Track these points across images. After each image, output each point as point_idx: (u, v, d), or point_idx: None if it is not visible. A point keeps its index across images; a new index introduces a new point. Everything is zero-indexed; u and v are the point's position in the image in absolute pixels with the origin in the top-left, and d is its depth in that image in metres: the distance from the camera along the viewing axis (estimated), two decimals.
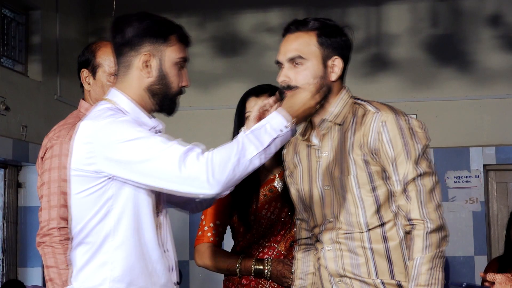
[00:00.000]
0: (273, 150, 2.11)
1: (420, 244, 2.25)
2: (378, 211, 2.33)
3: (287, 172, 2.58)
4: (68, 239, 2.64)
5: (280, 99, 2.32)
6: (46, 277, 2.66)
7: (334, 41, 2.40)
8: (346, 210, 2.36)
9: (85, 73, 2.90)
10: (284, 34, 2.44)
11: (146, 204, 2.16)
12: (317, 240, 2.45)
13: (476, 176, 6.44)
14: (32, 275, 5.98)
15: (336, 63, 2.40)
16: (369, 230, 2.34)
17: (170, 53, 2.22)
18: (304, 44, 2.37)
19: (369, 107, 2.37)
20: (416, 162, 2.28)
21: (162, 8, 6.98)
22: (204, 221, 3.00)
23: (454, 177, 6.47)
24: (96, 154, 2.10)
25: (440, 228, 2.28)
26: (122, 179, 2.11)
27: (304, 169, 2.48)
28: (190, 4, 7.04)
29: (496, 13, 6.60)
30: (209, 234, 2.97)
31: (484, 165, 6.48)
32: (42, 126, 6.15)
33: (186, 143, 2.11)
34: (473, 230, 6.40)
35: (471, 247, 6.39)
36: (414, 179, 2.28)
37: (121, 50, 2.23)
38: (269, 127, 2.12)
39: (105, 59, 2.85)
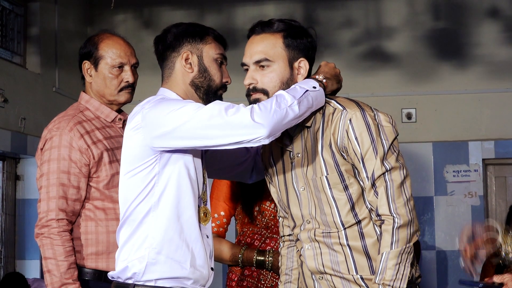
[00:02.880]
0: (309, 103, 2.26)
1: (388, 239, 2.23)
2: (352, 209, 2.32)
3: (265, 172, 2.58)
4: (66, 230, 2.64)
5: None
6: (44, 269, 2.65)
7: (300, 42, 2.38)
8: (321, 210, 2.36)
9: (86, 64, 2.89)
10: (249, 36, 2.42)
11: (187, 183, 2.32)
12: (298, 239, 2.46)
13: (475, 170, 6.44)
14: (30, 268, 5.98)
15: (302, 65, 2.38)
16: (345, 228, 2.33)
17: (208, 50, 2.42)
18: (270, 46, 2.36)
19: (336, 105, 2.35)
20: (384, 158, 2.27)
21: (160, 0, 6.96)
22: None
23: (453, 171, 6.46)
24: (146, 136, 2.27)
25: (410, 223, 2.25)
26: (175, 149, 2.26)
27: (279, 170, 2.47)
28: None
29: (496, 7, 6.59)
30: (213, 224, 2.98)
31: (483, 159, 6.48)
32: (40, 118, 6.14)
33: None
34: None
35: None
36: (382, 174, 2.26)
37: (165, 55, 2.44)
38: (298, 87, 2.28)
39: (108, 51, 2.84)
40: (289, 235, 2.58)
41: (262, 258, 2.91)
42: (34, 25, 6.25)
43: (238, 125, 2.17)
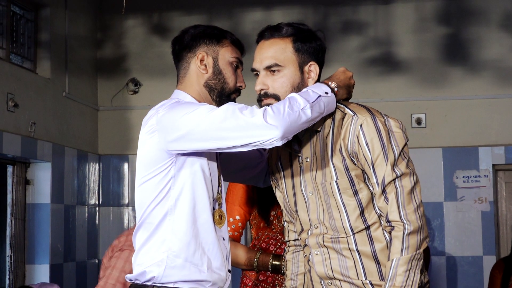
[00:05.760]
0: (321, 108, 2.26)
1: (399, 246, 2.22)
2: (362, 214, 2.31)
3: (271, 176, 2.58)
4: None
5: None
6: None
7: (310, 46, 2.38)
8: (330, 215, 2.35)
9: None
10: (258, 41, 2.43)
11: (203, 185, 2.32)
12: (305, 245, 2.45)
13: (485, 176, 6.41)
14: (39, 272, 5.98)
15: (313, 69, 2.39)
16: (354, 233, 2.33)
17: (224, 53, 2.43)
18: (280, 51, 2.36)
19: (347, 110, 2.35)
20: (395, 164, 2.26)
21: (171, 5, 6.98)
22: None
23: (463, 177, 6.43)
24: (161, 140, 2.27)
25: (419, 229, 2.24)
26: (190, 151, 2.27)
27: (287, 175, 2.47)
28: (199, 2, 7.03)
29: (506, 12, 6.57)
30: (228, 228, 2.96)
31: (493, 165, 6.45)
32: (50, 123, 6.15)
33: None
34: (481, 230, 6.37)
35: (480, 247, 6.36)
36: (392, 180, 2.25)
37: (181, 55, 2.45)
38: (311, 91, 2.28)
39: None
40: (295, 240, 2.58)
41: (278, 262, 2.90)
42: (44, 30, 6.27)
43: (251, 127, 2.17)
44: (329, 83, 2.35)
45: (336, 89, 2.34)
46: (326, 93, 2.29)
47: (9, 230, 5.87)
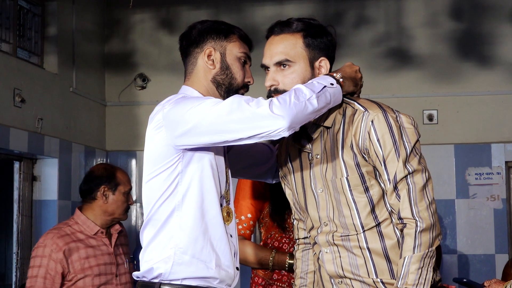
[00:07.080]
0: (327, 98, 2.23)
1: (411, 243, 2.20)
2: (372, 211, 2.29)
3: (280, 173, 2.56)
4: None
5: None
6: None
7: (320, 41, 2.36)
8: (340, 212, 2.33)
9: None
10: (267, 36, 2.41)
11: (211, 181, 2.31)
12: (315, 243, 2.43)
13: (498, 173, 6.36)
14: None
15: (323, 64, 2.37)
16: (365, 231, 2.30)
17: (232, 48, 2.42)
18: (290, 46, 2.35)
19: (358, 106, 2.32)
20: (406, 160, 2.24)
21: (179, 0, 6.94)
22: (235, 213, 3.00)
23: (475, 174, 6.38)
24: (168, 135, 2.26)
25: (432, 227, 2.21)
26: (197, 146, 2.25)
27: (296, 172, 2.45)
28: None
29: None
30: (240, 226, 2.97)
31: (506, 162, 6.40)
32: (57, 118, 6.12)
33: None
34: (494, 228, 6.32)
35: (492, 245, 6.31)
36: (404, 177, 2.23)
37: (188, 51, 2.44)
38: (317, 82, 2.25)
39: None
40: (304, 238, 2.57)
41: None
42: (51, 25, 6.24)
43: (258, 118, 2.15)
44: (334, 74, 2.33)
45: (341, 79, 2.31)
46: (332, 84, 2.27)
47: (16, 226, 5.85)
